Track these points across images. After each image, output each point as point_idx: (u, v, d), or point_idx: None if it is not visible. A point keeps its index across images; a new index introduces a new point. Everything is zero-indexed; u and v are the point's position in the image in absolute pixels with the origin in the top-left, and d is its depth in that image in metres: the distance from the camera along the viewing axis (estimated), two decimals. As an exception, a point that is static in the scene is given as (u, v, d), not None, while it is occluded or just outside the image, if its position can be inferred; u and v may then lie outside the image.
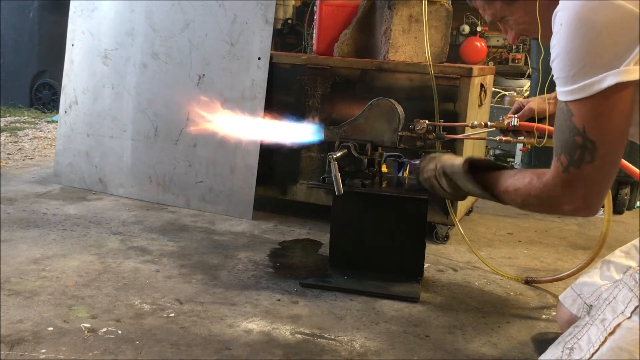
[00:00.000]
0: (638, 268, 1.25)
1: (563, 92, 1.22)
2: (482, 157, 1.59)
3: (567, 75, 1.20)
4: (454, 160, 1.62)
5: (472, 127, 1.92)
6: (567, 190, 1.26)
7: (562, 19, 1.19)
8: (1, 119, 5.25)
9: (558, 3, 1.24)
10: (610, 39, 1.14)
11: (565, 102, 1.22)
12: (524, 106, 1.82)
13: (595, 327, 1.25)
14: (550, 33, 1.27)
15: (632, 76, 1.15)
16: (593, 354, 1.23)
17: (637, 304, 1.20)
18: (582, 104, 1.19)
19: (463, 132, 2.04)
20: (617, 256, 1.66)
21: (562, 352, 1.29)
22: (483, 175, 1.53)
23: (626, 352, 1.19)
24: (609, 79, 1.15)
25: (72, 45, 3.16)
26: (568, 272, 2.13)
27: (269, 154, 2.75)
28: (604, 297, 1.28)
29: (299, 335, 1.69)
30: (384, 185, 2.08)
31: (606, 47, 1.15)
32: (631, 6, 1.13)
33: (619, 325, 1.21)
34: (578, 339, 1.28)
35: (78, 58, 3.14)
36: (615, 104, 1.18)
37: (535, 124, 1.73)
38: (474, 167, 1.55)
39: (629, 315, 1.21)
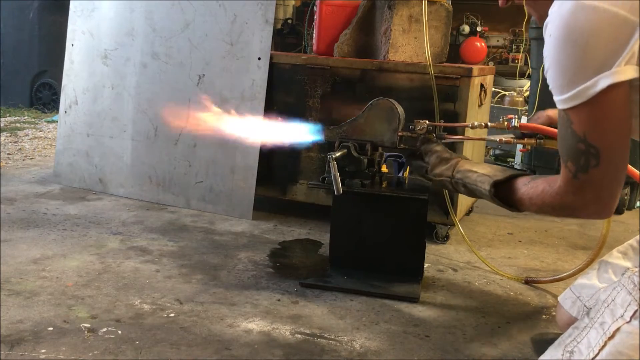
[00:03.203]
0: (636, 270, 1.25)
1: (559, 100, 1.24)
2: (500, 173, 1.61)
3: (561, 84, 1.22)
4: (476, 177, 1.67)
5: (472, 127, 1.92)
6: (578, 196, 1.29)
7: (550, 30, 1.22)
8: (1, 119, 5.25)
9: None
10: (599, 43, 1.15)
11: (564, 110, 1.25)
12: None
13: (595, 330, 1.25)
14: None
15: (625, 76, 1.16)
16: (593, 359, 1.23)
17: (636, 307, 1.19)
18: (580, 110, 1.21)
19: (463, 133, 2.04)
20: (615, 257, 1.66)
21: (562, 355, 1.29)
22: (500, 188, 1.60)
23: (626, 356, 1.19)
24: (602, 82, 1.16)
25: (72, 45, 3.16)
26: (568, 273, 2.13)
27: (269, 154, 2.75)
28: (602, 299, 1.28)
29: (299, 335, 1.69)
30: (384, 185, 2.08)
31: (596, 52, 1.16)
32: (616, 9, 1.14)
33: (618, 329, 1.21)
34: (578, 342, 1.28)
35: (78, 58, 3.14)
36: (612, 106, 1.19)
37: (535, 125, 1.74)
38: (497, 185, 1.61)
39: (628, 319, 1.20)
